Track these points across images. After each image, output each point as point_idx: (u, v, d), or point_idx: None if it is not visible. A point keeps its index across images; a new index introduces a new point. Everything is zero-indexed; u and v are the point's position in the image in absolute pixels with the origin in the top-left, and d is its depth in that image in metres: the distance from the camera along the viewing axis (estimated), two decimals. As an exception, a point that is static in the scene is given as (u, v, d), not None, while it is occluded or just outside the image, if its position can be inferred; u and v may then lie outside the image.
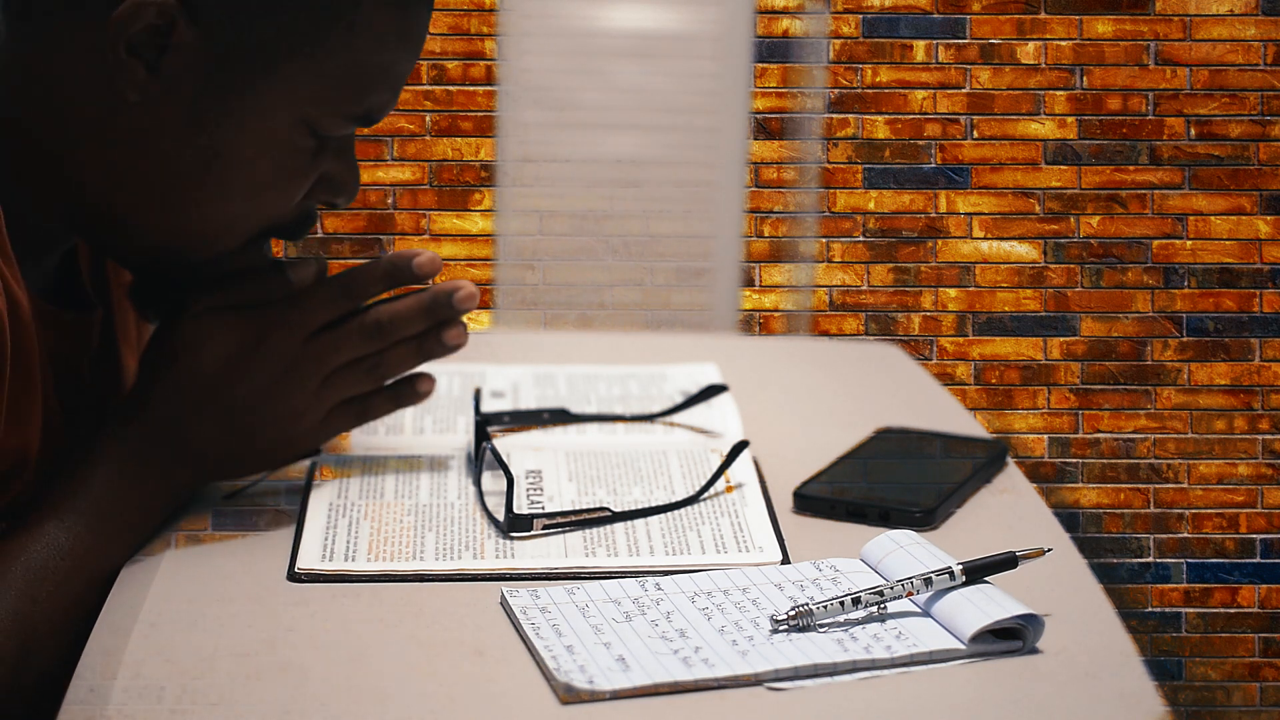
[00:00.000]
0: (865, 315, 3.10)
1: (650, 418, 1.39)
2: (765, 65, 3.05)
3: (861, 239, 3.09)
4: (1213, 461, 3.11)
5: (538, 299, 2.29)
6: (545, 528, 1.15)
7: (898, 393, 1.55)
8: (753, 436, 1.31)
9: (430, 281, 1.19)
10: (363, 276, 1.18)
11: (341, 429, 1.20)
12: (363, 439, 1.33)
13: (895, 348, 1.71)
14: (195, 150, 1.09)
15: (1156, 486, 3.12)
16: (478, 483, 1.21)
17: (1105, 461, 3.11)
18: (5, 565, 1.06)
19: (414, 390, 1.22)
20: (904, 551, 1.05)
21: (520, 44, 2.26)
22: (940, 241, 3.09)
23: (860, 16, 3.05)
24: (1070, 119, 3.06)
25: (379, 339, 1.17)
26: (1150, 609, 3.12)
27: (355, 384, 1.18)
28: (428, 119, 3.06)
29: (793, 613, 0.98)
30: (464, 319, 1.21)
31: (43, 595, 1.06)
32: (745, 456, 1.26)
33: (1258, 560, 3.12)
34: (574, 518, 1.16)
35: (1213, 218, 3.07)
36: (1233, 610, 3.12)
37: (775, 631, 0.98)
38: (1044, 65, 3.05)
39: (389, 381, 1.21)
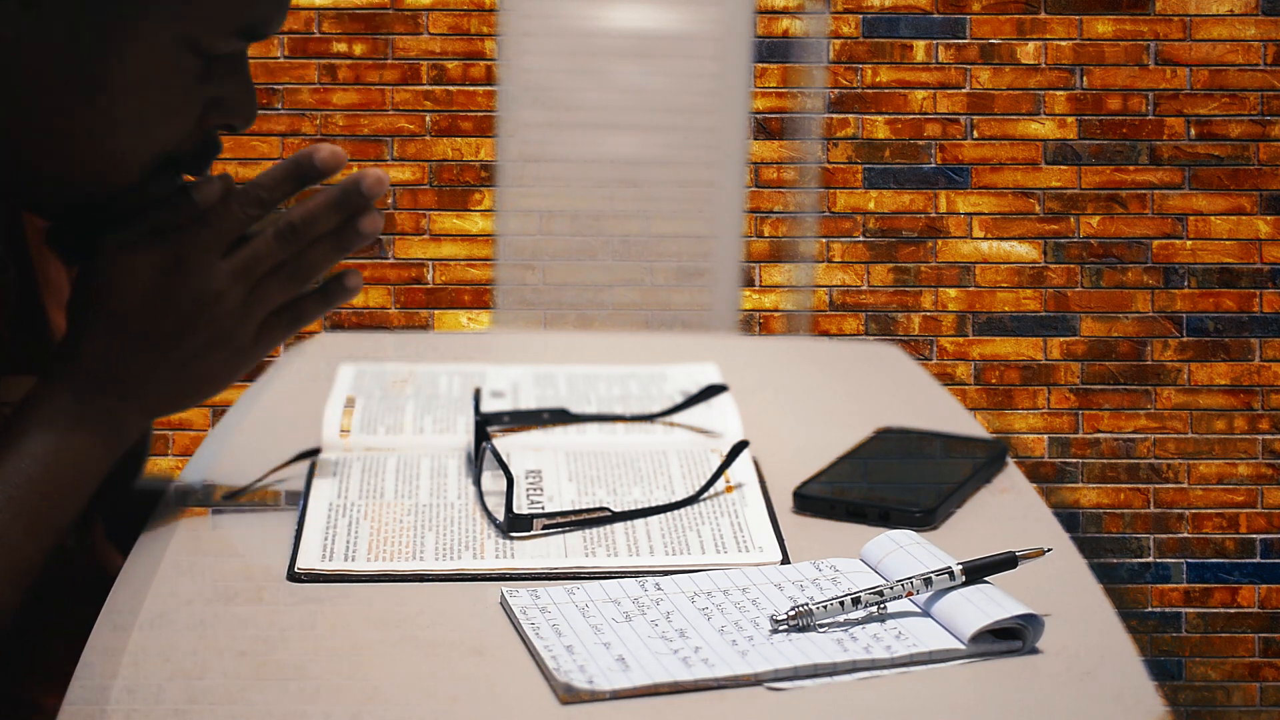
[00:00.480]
0: (865, 315, 3.10)
1: (650, 418, 1.39)
2: (765, 65, 3.05)
3: (861, 239, 3.09)
4: (1213, 461, 3.11)
5: (538, 299, 2.29)
6: (545, 528, 1.15)
7: (898, 393, 1.55)
8: (753, 436, 1.31)
9: (337, 176, 1.17)
10: (268, 181, 1.15)
11: (277, 340, 1.18)
12: (362, 439, 1.33)
13: (895, 348, 1.71)
14: (77, 82, 1.07)
15: (1156, 486, 3.12)
16: (478, 483, 1.21)
17: (1105, 461, 3.11)
18: None
19: (342, 287, 1.19)
20: (904, 551, 1.05)
21: (520, 44, 2.26)
22: (940, 241, 3.09)
23: (860, 16, 3.05)
24: (1070, 119, 3.06)
25: (295, 241, 1.15)
26: (1150, 609, 3.12)
27: (281, 291, 1.16)
28: (428, 119, 3.06)
29: (793, 613, 0.98)
30: (378, 205, 1.17)
31: None
32: (745, 456, 1.26)
33: (1258, 560, 3.12)
34: (574, 518, 1.16)
35: (1213, 218, 3.07)
36: (1233, 610, 3.12)
37: (775, 631, 0.98)
38: (1044, 65, 3.05)
39: (316, 284, 1.19)
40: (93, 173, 1.11)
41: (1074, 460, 3.11)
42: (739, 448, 1.24)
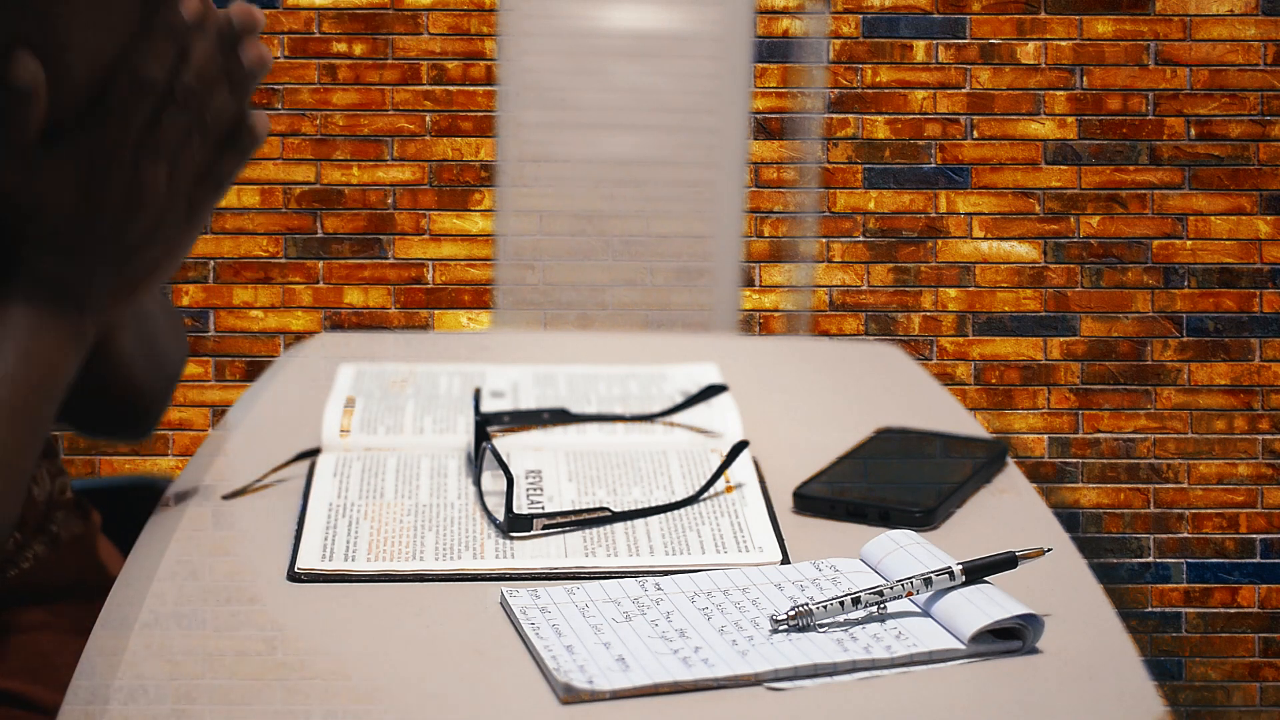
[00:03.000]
0: (865, 315, 3.10)
1: (650, 418, 1.39)
2: (765, 65, 3.06)
3: (861, 239, 3.09)
4: (1213, 461, 3.11)
5: (538, 299, 2.29)
6: (545, 528, 1.15)
7: (898, 393, 1.55)
8: (753, 436, 1.31)
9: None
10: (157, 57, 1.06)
11: (209, 209, 1.13)
12: (362, 439, 1.33)
13: (895, 348, 1.71)
14: None
15: (1156, 486, 3.12)
16: (478, 483, 1.21)
17: (1105, 461, 3.12)
18: None
19: (250, 130, 1.12)
20: (904, 551, 1.05)
21: (520, 44, 2.26)
22: (940, 241, 3.09)
23: (860, 16, 3.05)
24: (1070, 119, 3.06)
25: (195, 101, 1.08)
26: (1150, 609, 3.12)
27: (198, 155, 1.10)
28: (428, 119, 3.06)
29: (793, 613, 0.98)
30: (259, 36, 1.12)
31: None
32: (745, 456, 1.26)
33: (1258, 560, 3.12)
34: (574, 518, 1.16)
35: (1213, 218, 3.07)
36: (1233, 610, 3.12)
37: (775, 631, 0.98)
38: (1044, 65, 3.05)
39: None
40: None
41: (1074, 460, 3.12)
42: (739, 448, 1.24)
